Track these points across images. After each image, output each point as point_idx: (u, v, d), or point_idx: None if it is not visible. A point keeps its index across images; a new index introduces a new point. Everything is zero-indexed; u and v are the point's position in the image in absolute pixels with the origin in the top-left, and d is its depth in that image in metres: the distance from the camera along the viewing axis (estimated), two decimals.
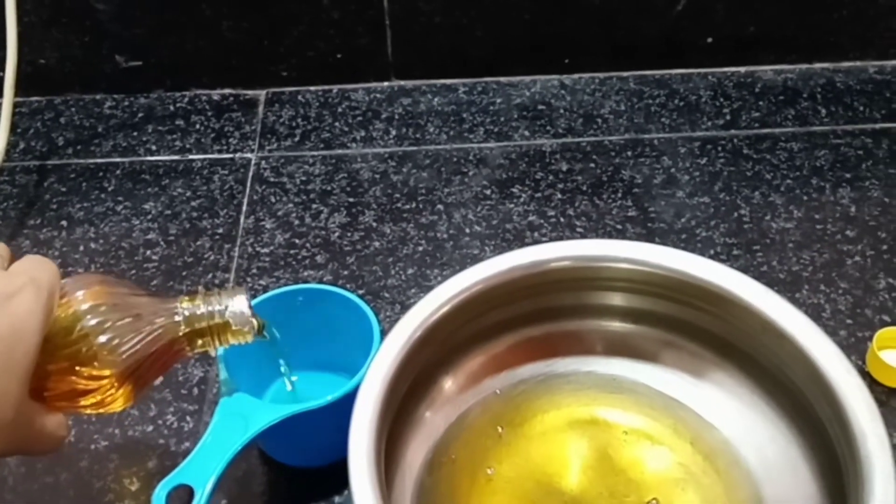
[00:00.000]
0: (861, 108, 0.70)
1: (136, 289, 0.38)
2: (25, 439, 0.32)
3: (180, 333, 0.38)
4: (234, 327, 0.39)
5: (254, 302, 0.46)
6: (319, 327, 0.49)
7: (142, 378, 0.36)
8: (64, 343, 0.34)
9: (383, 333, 0.45)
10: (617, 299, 0.47)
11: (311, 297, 0.48)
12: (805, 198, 0.63)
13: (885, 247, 0.59)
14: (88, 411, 0.36)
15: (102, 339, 0.34)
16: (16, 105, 0.64)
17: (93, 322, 0.34)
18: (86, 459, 0.49)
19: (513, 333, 0.48)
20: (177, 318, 0.38)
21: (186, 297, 0.39)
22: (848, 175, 0.64)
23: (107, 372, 0.35)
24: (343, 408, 0.40)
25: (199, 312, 0.39)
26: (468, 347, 0.47)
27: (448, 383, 0.46)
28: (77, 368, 0.34)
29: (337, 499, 0.47)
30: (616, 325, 0.48)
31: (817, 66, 0.74)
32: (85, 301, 0.35)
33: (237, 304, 0.40)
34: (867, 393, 0.39)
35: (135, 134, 0.70)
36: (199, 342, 0.39)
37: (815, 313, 0.55)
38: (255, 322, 0.40)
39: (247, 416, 0.42)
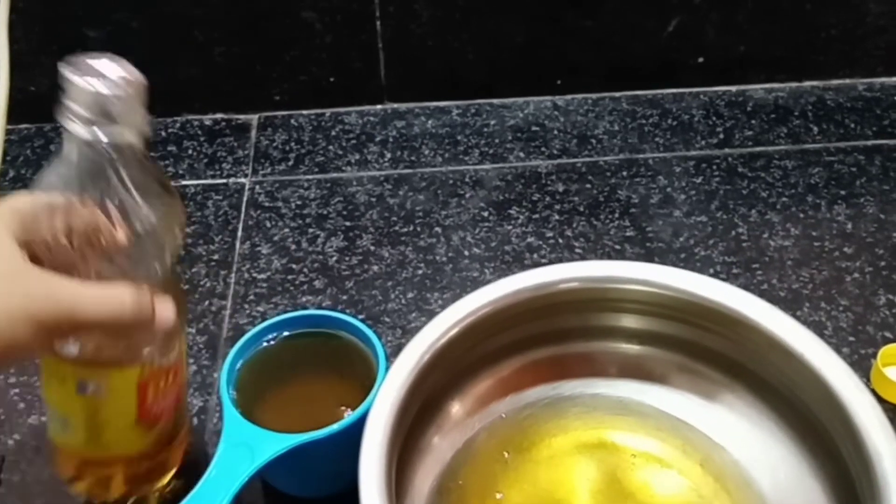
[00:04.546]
0: (852, 126, 0.71)
1: None
2: None
3: None
4: None
5: (260, 327, 0.46)
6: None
7: None
8: None
9: (387, 359, 0.44)
10: (623, 321, 0.47)
11: (313, 323, 0.48)
12: (801, 215, 0.63)
13: (883, 263, 0.59)
14: None
15: None
16: (6, 133, 0.64)
17: None
18: None
19: (519, 356, 0.47)
20: None
21: None
22: (843, 192, 0.65)
23: None
24: (350, 436, 0.39)
25: None
26: (476, 371, 0.46)
27: (455, 408, 0.46)
28: None
29: None
30: (623, 347, 0.48)
31: (807, 84, 0.75)
32: None
33: None
34: (880, 411, 0.39)
35: None
36: None
37: (817, 331, 0.54)
38: None
39: (252, 446, 0.41)
